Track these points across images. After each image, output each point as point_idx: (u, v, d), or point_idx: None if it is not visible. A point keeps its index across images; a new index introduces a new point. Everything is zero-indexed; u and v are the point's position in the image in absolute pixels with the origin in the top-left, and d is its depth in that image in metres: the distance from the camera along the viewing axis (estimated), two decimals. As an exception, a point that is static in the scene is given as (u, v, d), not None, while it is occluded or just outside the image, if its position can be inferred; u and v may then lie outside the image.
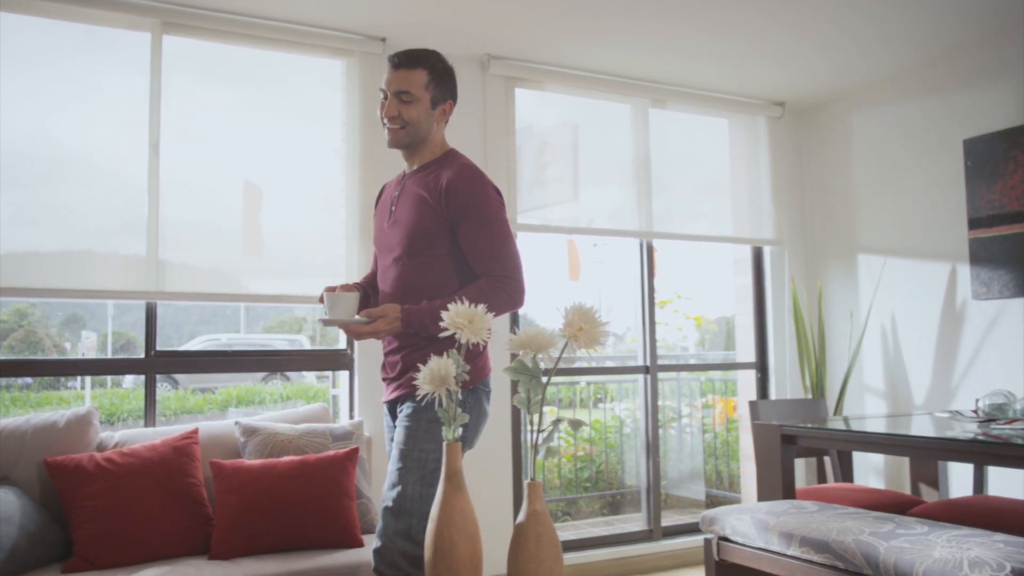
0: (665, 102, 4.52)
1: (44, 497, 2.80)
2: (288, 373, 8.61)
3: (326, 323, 2.24)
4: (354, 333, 2.21)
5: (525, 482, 2.07)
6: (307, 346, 8.24)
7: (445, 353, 2.06)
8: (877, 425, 3.25)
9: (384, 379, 2.42)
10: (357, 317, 2.22)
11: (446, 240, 2.30)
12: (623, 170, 4.40)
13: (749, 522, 2.77)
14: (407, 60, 2.32)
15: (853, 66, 4.27)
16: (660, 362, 4.58)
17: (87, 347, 7.62)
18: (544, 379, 2.07)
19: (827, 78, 4.45)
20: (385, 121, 2.34)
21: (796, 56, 4.12)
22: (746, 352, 4.89)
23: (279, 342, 8.33)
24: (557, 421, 2.06)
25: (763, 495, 3.28)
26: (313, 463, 2.91)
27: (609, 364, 5.72)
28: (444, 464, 2.13)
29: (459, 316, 2.10)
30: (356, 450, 3.03)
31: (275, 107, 3.66)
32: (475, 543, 2.12)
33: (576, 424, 2.05)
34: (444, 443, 2.15)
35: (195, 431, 3.02)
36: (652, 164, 4.44)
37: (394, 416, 2.38)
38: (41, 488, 2.81)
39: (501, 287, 2.25)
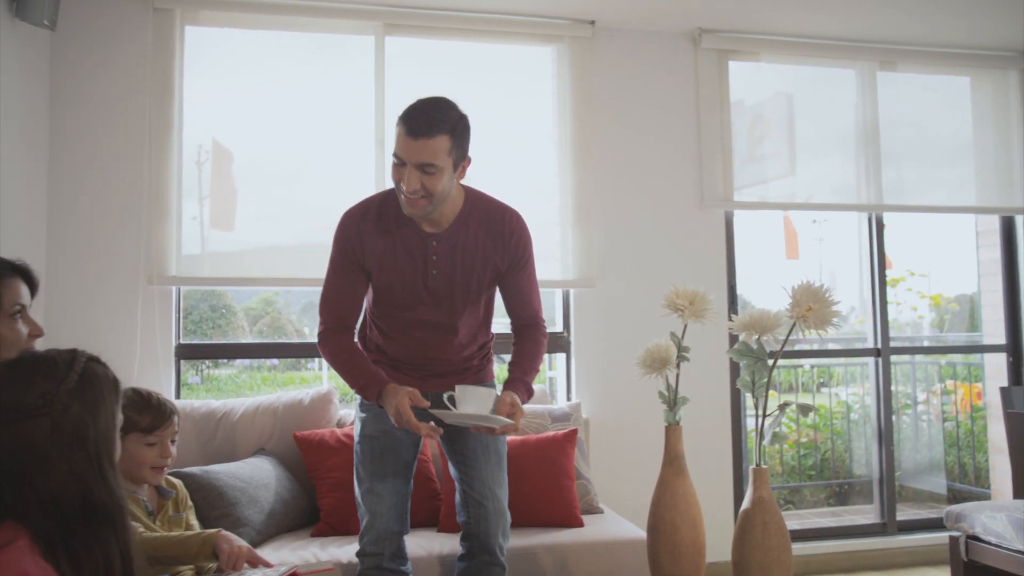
0: (895, 63, 4.17)
1: (294, 467, 3.06)
2: (503, 355, 8.88)
3: (458, 422, 2.04)
4: (499, 434, 2.11)
5: (750, 468, 2.00)
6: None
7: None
8: None
9: (410, 376, 2.33)
10: (498, 417, 2.05)
11: (492, 288, 2.38)
12: (846, 140, 4.12)
13: (1005, 521, 2.52)
14: (428, 128, 2.07)
15: None
16: (893, 344, 4.26)
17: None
18: (770, 362, 1.99)
19: (1093, 22, 3.91)
20: (403, 189, 2.13)
21: (1054, 0, 3.65)
22: (995, 333, 4.42)
23: (494, 327, 8.60)
24: (784, 405, 1.98)
25: (1021, 492, 2.97)
26: (534, 444, 2.98)
27: (832, 347, 5.40)
28: (665, 447, 2.11)
29: (680, 298, 2.07)
30: (575, 431, 3.07)
31: (488, 97, 3.76)
32: (698, 528, 2.08)
33: (805, 409, 1.96)
34: (665, 426, 2.13)
35: (423, 410, 3.19)
36: (881, 132, 4.11)
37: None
38: (291, 459, 3.07)
39: (546, 333, 2.44)
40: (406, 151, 2.09)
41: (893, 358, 4.30)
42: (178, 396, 3.41)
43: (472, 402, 2.03)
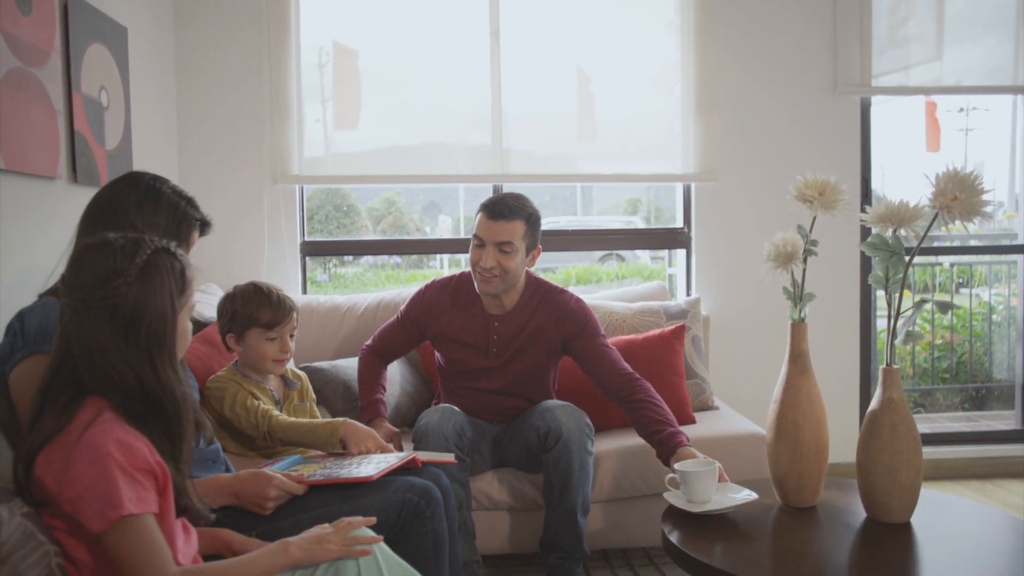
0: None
1: (416, 362, 3.14)
2: (623, 254, 8.81)
3: (699, 511, 1.96)
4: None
5: (880, 368, 1.91)
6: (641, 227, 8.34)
7: None
8: None
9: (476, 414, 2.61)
10: (744, 494, 2.00)
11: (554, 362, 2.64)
12: (1005, 17, 3.70)
13: None
14: (508, 211, 2.41)
15: None
16: (1046, 241, 3.93)
17: (443, 229, 8.46)
18: (908, 257, 1.86)
19: None
20: (480, 269, 2.43)
21: None
22: None
23: (614, 223, 8.50)
24: (921, 302, 1.86)
25: None
26: (640, 342, 2.93)
27: (974, 244, 5.06)
28: (790, 345, 2.03)
29: (809, 188, 1.95)
30: (683, 328, 3.00)
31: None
32: (821, 428, 2.01)
33: (944, 306, 1.83)
34: (789, 324, 2.04)
35: (539, 306, 3.19)
36: (1047, 3, 3.68)
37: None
38: (414, 354, 3.12)
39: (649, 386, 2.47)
40: (487, 231, 2.42)
41: (1046, 255, 3.98)
42: (304, 291, 3.54)
43: (703, 483, 1.97)
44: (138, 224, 1.72)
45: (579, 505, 2.38)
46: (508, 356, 2.55)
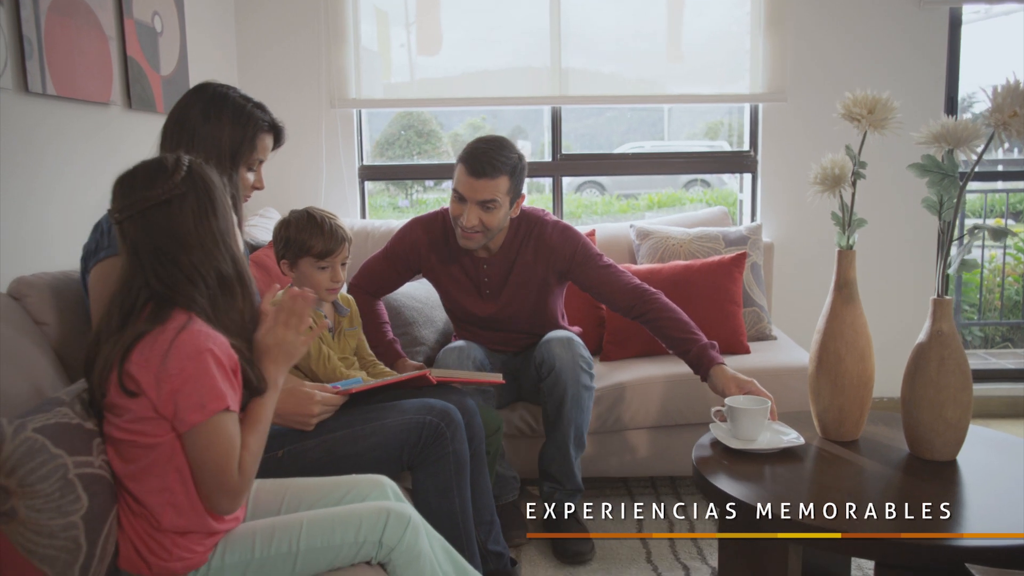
0: None
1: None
2: (708, 180, 8.58)
3: (743, 448, 1.85)
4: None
5: (930, 299, 1.80)
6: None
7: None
8: None
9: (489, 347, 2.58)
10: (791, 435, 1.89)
11: (553, 292, 2.52)
12: None
13: None
14: (490, 169, 2.25)
15: None
16: None
17: (527, 154, 8.44)
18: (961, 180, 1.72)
19: None
20: (461, 224, 2.30)
21: None
22: None
23: (699, 148, 8.26)
24: (975, 228, 1.74)
25: None
26: (698, 268, 2.86)
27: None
28: (836, 273, 1.94)
29: (857, 105, 1.82)
30: (743, 255, 2.90)
31: None
32: (865, 360, 1.93)
33: (999, 233, 1.70)
34: (836, 251, 1.95)
35: (592, 233, 3.12)
36: None
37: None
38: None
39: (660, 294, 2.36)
40: (468, 189, 2.28)
41: None
42: (364, 216, 3.58)
43: (753, 421, 1.89)
44: (204, 134, 1.74)
45: (571, 437, 2.34)
46: (502, 297, 2.48)
